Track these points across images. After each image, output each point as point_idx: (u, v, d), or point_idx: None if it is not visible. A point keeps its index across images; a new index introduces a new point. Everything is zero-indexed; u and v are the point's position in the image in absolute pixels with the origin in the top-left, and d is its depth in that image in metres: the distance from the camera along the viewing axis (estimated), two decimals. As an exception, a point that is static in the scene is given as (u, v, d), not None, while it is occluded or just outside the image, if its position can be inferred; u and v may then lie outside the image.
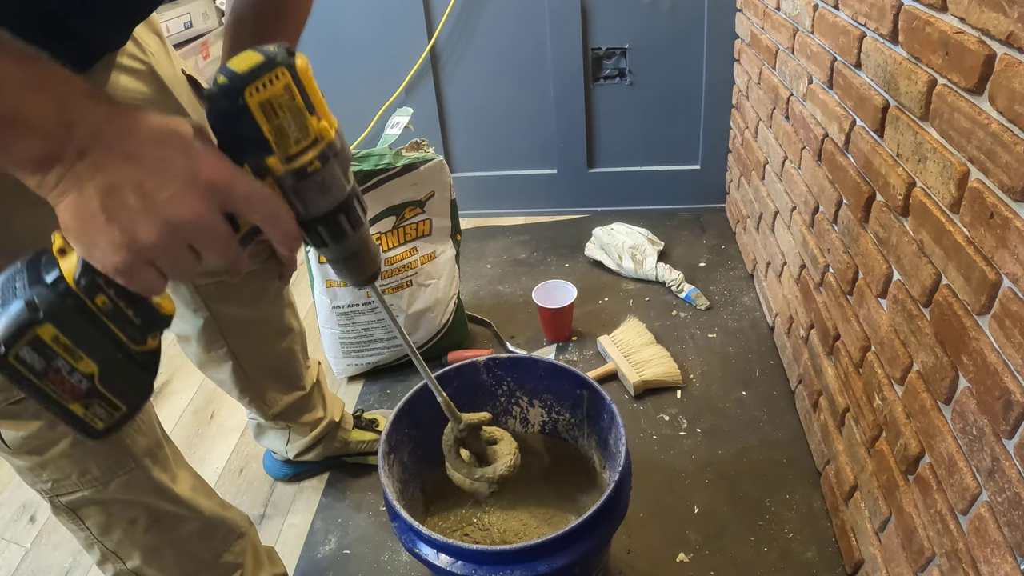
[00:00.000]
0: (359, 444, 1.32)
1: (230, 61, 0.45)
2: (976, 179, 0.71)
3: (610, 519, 0.89)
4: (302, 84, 0.46)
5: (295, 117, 0.46)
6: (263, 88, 0.44)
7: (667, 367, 1.49)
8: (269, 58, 0.44)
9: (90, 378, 0.44)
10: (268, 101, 0.44)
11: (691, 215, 2.14)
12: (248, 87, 0.44)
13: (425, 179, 1.41)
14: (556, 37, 1.94)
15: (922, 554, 0.83)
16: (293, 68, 0.45)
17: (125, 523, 0.81)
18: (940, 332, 0.79)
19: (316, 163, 0.47)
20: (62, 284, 0.42)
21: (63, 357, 0.43)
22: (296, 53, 0.46)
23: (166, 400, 1.61)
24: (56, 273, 0.43)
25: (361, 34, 2.00)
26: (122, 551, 0.83)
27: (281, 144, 0.46)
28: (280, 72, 0.44)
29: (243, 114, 0.44)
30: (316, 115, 0.47)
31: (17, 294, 0.42)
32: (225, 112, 0.44)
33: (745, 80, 1.80)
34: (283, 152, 0.46)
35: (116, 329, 0.45)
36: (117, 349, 0.45)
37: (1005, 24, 0.64)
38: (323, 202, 0.50)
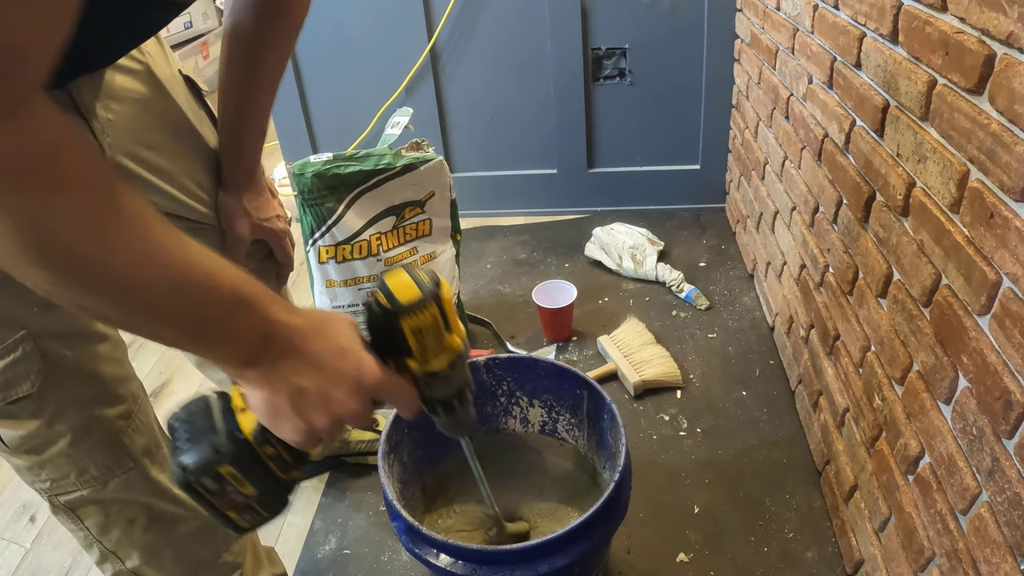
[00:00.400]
0: (359, 443, 1.32)
1: (390, 282, 0.57)
2: (976, 179, 0.71)
3: (610, 519, 0.89)
4: (444, 311, 0.58)
5: (436, 336, 0.59)
6: (416, 317, 0.57)
7: (667, 367, 1.49)
8: (425, 295, 0.57)
9: (249, 498, 0.57)
10: (419, 327, 0.57)
11: (691, 215, 2.14)
12: (405, 317, 0.57)
13: (425, 179, 1.41)
14: (556, 37, 1.94)
15: (922, 554, 0.83)
16: (440, 300, 0.58)
17: (124, 523, 0.81)
18: (940, 332, 0.79)
19: (446, 368, 0.61)
20: (241, 436, 0.55)
21: (233, 485, 0.56)
22: (442, 282, 0.58)
23: (166, 400, 1.61)
24: (235, 425, 0.56)
25: (361, 34, 2.00)
26: (121, 551, 0.83)
27: (421, 354, 0.59)
28: (431, 307, 0.57)
29: (398, 334, 0.57)
30: (451, 332, 0.60)
31: (203, 436, 0.55)
32: (382, 327, 0.58)
33: (745, 80, 1.80)
34: (422, 359, 0.59)
35: (275, 468, 0.58)
36: (272, 480, 0.58)
37: (1005, 24, 0.64)
38: (444, 391, 0.64)
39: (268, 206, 0.96)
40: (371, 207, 1.40)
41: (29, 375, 0.70)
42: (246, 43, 0.82)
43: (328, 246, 1.40)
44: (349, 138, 2.11)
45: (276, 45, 0.84)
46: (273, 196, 0.98)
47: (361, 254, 1.42)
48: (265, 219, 0.96)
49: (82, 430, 0.74)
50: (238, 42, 0.82)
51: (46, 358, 0.71)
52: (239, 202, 0.91)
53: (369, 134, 2.10)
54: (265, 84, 0.87)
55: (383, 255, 1.44)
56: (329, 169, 1.34)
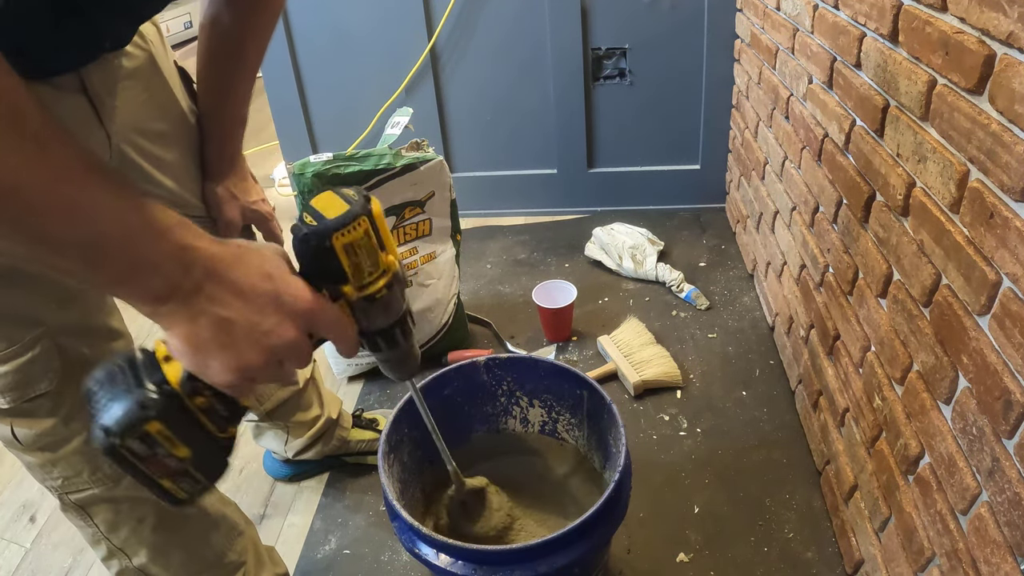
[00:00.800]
0: (359, 443, 1.32)
1: (315, 201, 0.53)
2: (976, 179, 0.71)
3: (610, 519, 0.89)
4: (377, 226, 0.54)
5: (370, 255, 0.54)
6: (347, 233, 0.52)
7: (667, 367, 1.49)
8: (354, 207, 0.52)
9: (183, 461, 0.52)
10: (350, 244, 0.52)
11: (691, 215, 2.14)
12: (335, 233, 0.52)
13: (425, 179, 1.41)
14: (556, 37, 1.94)
15: (922, 554, 0.83)
16: (371, 215, 0.53)
17: (133, 521, 0.82)
18: (940, 332, 0.79)
19: (384, 290, 0.56)
20: (168, 387, 0.50)
21: (163, 446, 0.50)
22: (371, 198, 0.54)
23: (166, 400, 1.61)
24: (161, 377, 0.50)
25: (361, 34, 2.00)
26: (128, 548, 0.84)
27: (356, 276, 0.54)
28: (362, 220, 0.52)
29: (328, 253, 0.52)
30: (386, 251, 0.56)
31: (125, 393, 0.49)
32: (313, 250, 0.53)
33: (745, 80, 1.80)
34: (357, 282, 0.55)
35: (209, 422, 0.53)
36: (207, 438, 0.53)
37: (1005, 24, 0.64)
38: (384, 320, 0.59)
39: (253, 190, 0.98)
40: (371, 207, 1.40)
41: (47, 373, 0.71)
42: (225, 34, 0.83)
43: (328, 246, 1.40)
44: (349, 138, 2.11)
45: (255, 36, 0.85)
46: (255, 181, 0.99)
47: (361, 254, 1.42)
48: (252, 202, 0.97)
49: None
50: (217, 33, 0.83)
51: (64, 355, 0.71)
52: (226, 188, 0.92)
53: (369, 134, 2.10)
54: (246, 74, 0.88)
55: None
56: (329, 169, 1.34)
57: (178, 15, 3.76)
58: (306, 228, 0.52)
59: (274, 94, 2.12)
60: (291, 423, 1.22)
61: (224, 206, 0.92)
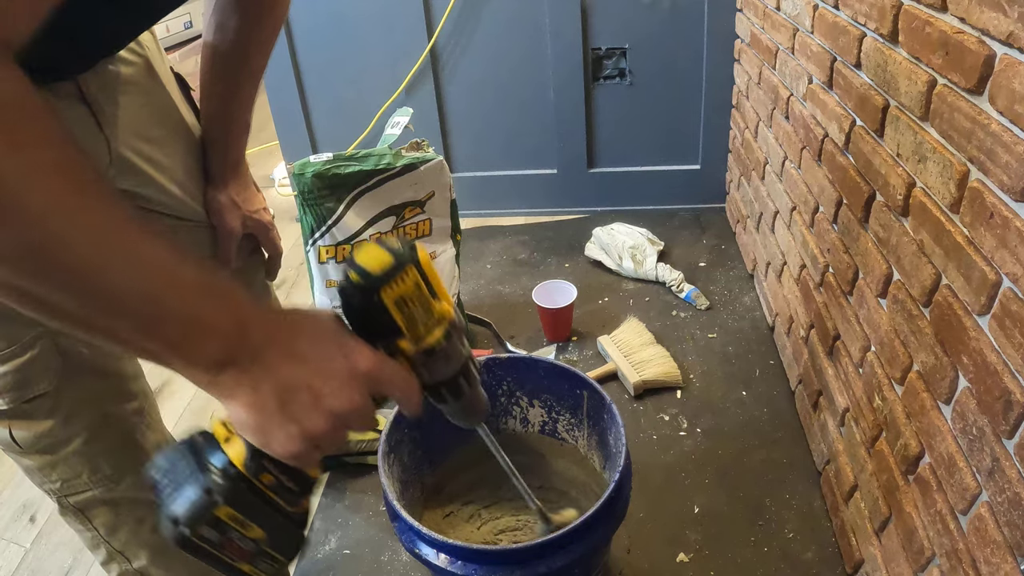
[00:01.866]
0: (358, 443, 1.32)
1: (359, 257, 0.51)
2: (976, 179, 0.71)
3: (610, 519, 0.89)
4: (426, 275, 0.52)
5: (422, 305, 0.52)
6: (396, 286, 0.50)
7: (667, 367, 1.49)
8: (399, 260, 0.50)
9: (257, 542, 0.51)
10: (400, 297, 0.50)
11: (691, 215, 2.14)
12: (383, 287, 0.49)
13: (425, 179, 1.41)
14: (556, 37, 1.94)
15: (922, 554, 0.83)
16: (418, 264, 0.51)
17: (133, 522, 0.81)
18: (940, 332, 0.79)
19: (442, 341, 0.54)
20: (233, 469, 0.48)
21: (236, 530, 0.49)
22: (417, 246, 0.52)
23: (166, 400, 1.61)
24: (224, 459, 0.49)
25: (362, 34, 2.00)
26: (129, 551, 0.83)
27: (411, 329, 0.52)
28: (410, 270, 0.50)
29: (378, 309, 0.50)
30: (438, 298, 0.53)
31: (190, 480, 0.48)
32: (360, 307, 0.51)
33: (745, 80, 1.80)
34: (413, 335, 0.52)
35: (279, 499, 0.51)
36: (279, 515, 0.52)
37: (1005, 24, 0.64)
38: (446, 370, 0.57)
39: (255, 199, 0.97)
40: (371, 207, 1.40)
41: (47, 372, 0.70)
42: (230, 41, 0.83)
43: (328, 246, 1.40)
44: (349, 138, 2.11)
45: (259, 43, 0.85)
46: (257, 190, 0.99)
47: (361, 254, 1.42)
48: (254, 211, 0.95)
49: (97, 428, 0.74)
50: (222, 40, 0.83)
51: (64, 355, 0.71)
52: (228, 196, 0.91)
53: (369, 134, 2.10)
54: (250, 80, 0.88)
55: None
56: (329, 169, 1.34)
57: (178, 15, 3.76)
58: (352, 287, 0.50)
59: (274, 94, 2.12)
60: None
61: (226, 214, 0.91)
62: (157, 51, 0.84)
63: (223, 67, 0.85)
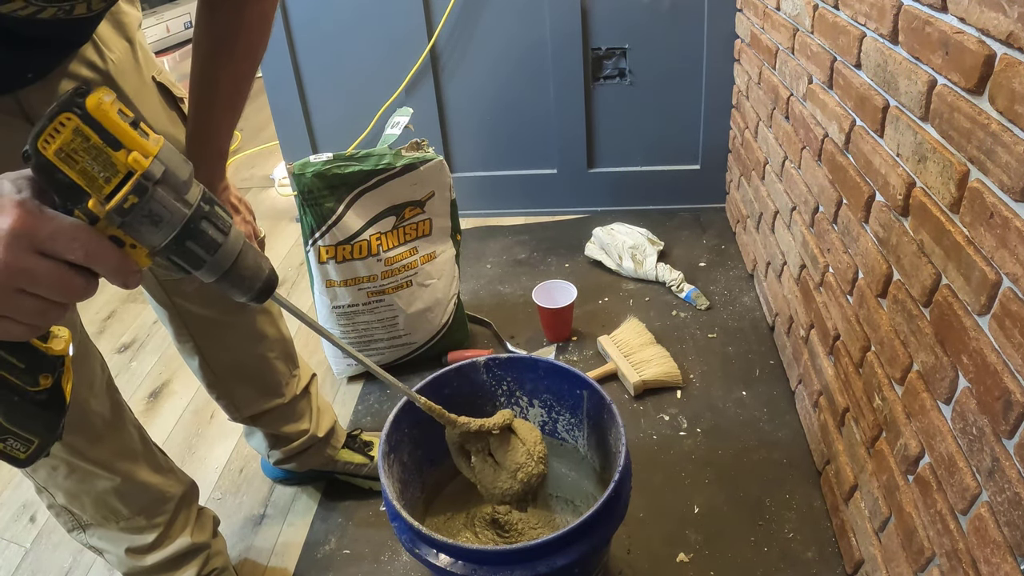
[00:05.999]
0: (346, 464, 1.30)
1: None
2: (976, 179, 0.71)
3: (610, 519, 0.89)
4: (98, 122, 0.46)
5: (96, 157, 0.46)
6: (53, 138, 0.45)
7: (667, 367, 1.49)
8: (52, 108, 0.45)
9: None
10: (62, 149, 0.45)
11: (691, 215, 2.14)
12: (39, 141, 0.44)
13: (425, 179, 1.41)
14: (556, 37, 1.94)
15: (922, 554, 0.83)
16: (83, 109, 0.45)
17: (47, 468, 0.89)
18: (940, 332, 0.79)
19: (132, 198, 0.47)
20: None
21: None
22: (90, 91, 0.46)
23: (166, 400, 1.61)
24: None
25: (361, 34, 2.00)
26: (49, 488, 0.92)
27: (93, 186, 0.46)
28: (65, 118, 0.45)
29: (48, 167, 0.45)
30: (124, 149, 0.47)
31: None
32: (36, 167, 0.46)
33: (745, 80, 1.80)
34: (98, 193, 0.47)
35: (6, 375, 0.50)
36: (12, 392, 0.50)
37: (1005, 24, 0.64)
38: (160, 233, 0.49)
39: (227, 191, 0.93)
40: (371, 207, 1.40)
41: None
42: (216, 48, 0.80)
43: (328, 246, 1.41)
44: (349, 138, 2.11)
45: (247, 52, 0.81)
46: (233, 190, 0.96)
47: (361, 254, 1.42)
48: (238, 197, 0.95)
49: None
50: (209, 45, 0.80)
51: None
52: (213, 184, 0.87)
53: (369, 134, 2.10)
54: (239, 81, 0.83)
55: (383, 255, 1.44)
56: (329, 169, 1.34)
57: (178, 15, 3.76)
58: (27, 145, 0.45)
59: (274, 94, 2.12)
60: (279, 433, 1.21)
61: None
62: (131, 62, 0.82)
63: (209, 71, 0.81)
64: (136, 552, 1.00)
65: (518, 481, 0.92)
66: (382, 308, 1.50)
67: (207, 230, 0.51)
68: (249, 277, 0.55)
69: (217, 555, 1.09)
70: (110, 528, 0.97)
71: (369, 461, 1.29)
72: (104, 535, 0.98)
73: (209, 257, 0.52)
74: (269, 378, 1.15)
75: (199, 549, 1.06)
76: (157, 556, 1.01)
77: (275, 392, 1.17)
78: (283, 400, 1.18)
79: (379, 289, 1.47)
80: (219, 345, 1.09)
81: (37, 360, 0.52)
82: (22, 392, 0.51)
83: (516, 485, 0.92)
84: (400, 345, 1.55)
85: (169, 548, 1.02)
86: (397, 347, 1.55)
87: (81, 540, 0.99)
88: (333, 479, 1.33)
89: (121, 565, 1.02)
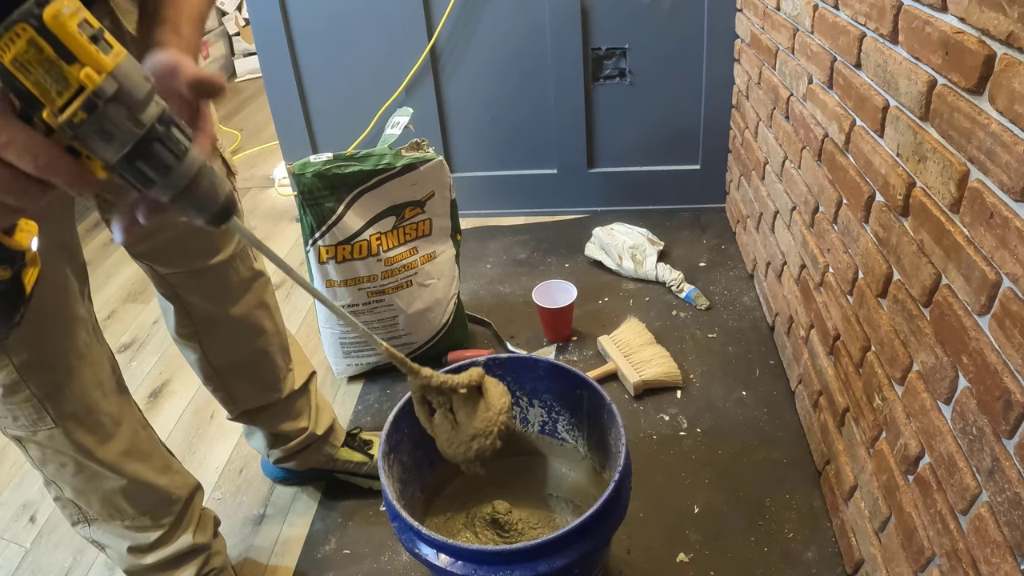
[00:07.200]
0: (346, 463, 1.29)
1: None
2: (976, 179, 0.71)
3: (610, 519, 0.89)
4: (53, 35, 0.46)
5: (49, 70, 0.46)
6: (8, 47, 0.45)
7: (667, 367, 1.49)
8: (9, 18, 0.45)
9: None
10: (16, 59, 0.45)
11: (691, 215, 2.14)
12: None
13: (425, 179, 1.41)
14: (556, 37, 1.94)
15: (922, 554, 0.83)
16: (39, 20, 0.45)
17: (56, 464, 0.90)
18: (940, 332, 0.79)
19: (81, 114, 0.47)
20: None
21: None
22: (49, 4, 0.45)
23: (166, 400, 1.61)
24: None
25: (361, 34, 2.00)
26: (58, 482, 0.93)
27: (47, 98, 0.47)
28: (20, 28, 0.45)
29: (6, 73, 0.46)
30: (78, 64, 0.47)
31: None
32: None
33: (745, 80, 1.80)
34: (51, 106, 0.47)
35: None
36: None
37: (1005, 24, 0.64)
38: (111, 149, 0.50)
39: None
40: (371, 207, 1.40)
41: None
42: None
43: (328, 246, 1.41)
44: (349, 138, 2.11)
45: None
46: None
47: (361, 254, 1.42)
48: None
49: (10, 389, 0.82)
50: None
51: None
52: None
53: (369, 134, 2.10)
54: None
55: (383, 255, 1.44)
56: (329, 169, 1.34)
57: None
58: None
59: (274, 94, 2.12)
60: (278, 431, 1.21)
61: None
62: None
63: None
64: (138, 550, 1.01)
65: (472, 450, 0.89)
66: (382, 308, 1.50)
67: (159, 152, 0.51)
68: (204, 200, 0.55)
69: (216, 555, 1.09)
70: (114, 525, 0.98)
71: (369, 460, 1.29)
72: (108, 531, 0.99)
73: (159, 179, 0.52)
74: (267, 371, 1.16)
75: (200, 550, 1.06)
76: (158, 555, 1.02)
77: (272, 387, 1.17)
78: (280, 395, 1.18)
79: (379, 289, 1.47)
80: (219, 339, 1.09)
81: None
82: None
83: (469, 454, 0.89)
84: (400, 345, 1.55)
85: (170, 548, 1.03)
86: (397, 347, 1.55)
87: (84, 534, 1.00)
88: (333, 479, 1.33)
89: (122, 561, 1.03)
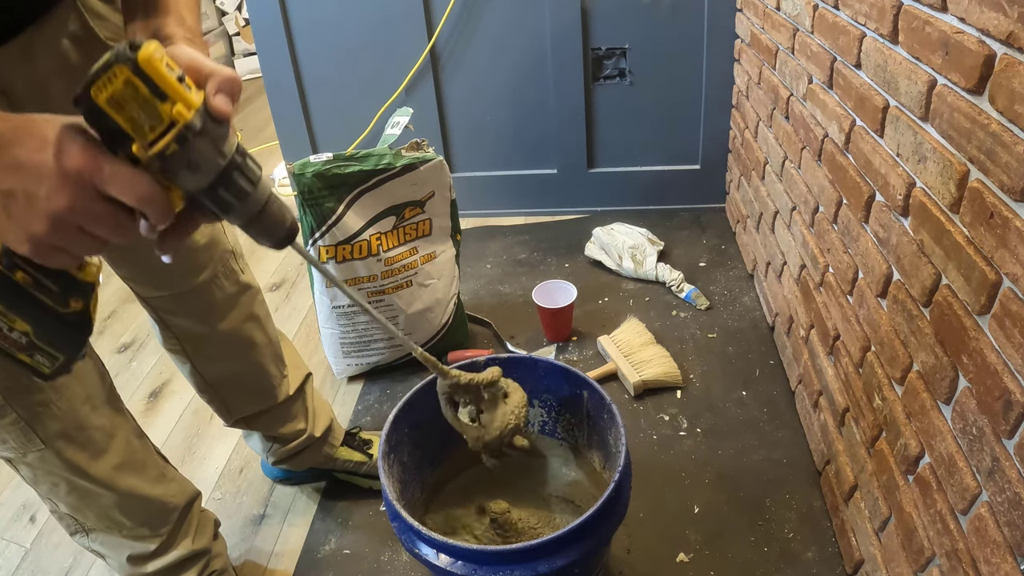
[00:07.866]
0: (345, 463, 1.29)
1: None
2: (976, 179, 0.71)
3: (610, 519, 0.89)
4: (146, 75, 0.49)
5: (144, 107, 0.50)
6: (105, 86, 0.48)
7: (667, 367, 1.49)
8: (107, 59, 0.49)
9: (26, 335, 0.56)
10: (113, 97, 0.49)
11: (691, 215, 2.14)
12: (92, 87, 0.48)
13: (425, 179, 1.41)
14: (556, 37, 1.94)
15: (922, 554, 0.83)
16: (134, 62, 0.48)
17: (49, 484, 0.89)
18: (940, 332, 0.79)
19: (173, 146, 0.51)
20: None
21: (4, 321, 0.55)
22: (141, 46, 0.49)
23: (166, 400, 1.61)
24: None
25: (361, 34, 2.00)
26: (53, 499, 0.92)
27: (139, 132, 0.50)
28: (118, 70, 0.48)
29: (98, 112, 0.49)
30: (169, 101, 0.50)
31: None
32: (87, 112, 0.50)
33: (745, 80, 1.80)
34: (142, 139, 0.50)
35: (42, 296, 0.56)
36: (44, 312, 0.56)
37: (1005, 24, 0.64)
38: (196, 179, 0.54)
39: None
40: (371, 207, 1.40)
41: None
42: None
43: (328, 246, 1.41)
44: (349, 138, 2.11)
45: None
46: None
47: (361, 254, 1.42)
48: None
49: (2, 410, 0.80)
50: None
51: None
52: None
53: (369, 134, 2.10)
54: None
55: (383, 255, 1.44)
56: (329, 169, 1.34)
57: None
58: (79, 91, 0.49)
59: (274, 94, 2.12)
60: (276, 434, 1.20)
61: None
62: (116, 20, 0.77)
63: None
64: (137, 559, 1.00)
65: (507, 430, 0.96)
66: (382, 308, 1.50)
67: (238, 180, 0.56)
68: (273, 225, 0.59)
69: (217, 557, 1.09)
70: (113, 535, 0.97)
71: (368, 459, 1.29)
72: (106, 541, 0.98)
73: (238, 204, 0.56)
74: (262, 382, 1.15)
75: (200, 555, 1.05)
76: (158, 563, 1.01)
77: (268, 396, 1.16)
78: (275, 402, 1.17)
79: (379, 289, 1.47)
80: (209, 354, 1.08)
81: (70, 286, 0.57)
82: (53, 312, 0.56)
83: (505, 435, 0.97)
84: (400, 345, 1.55)
85: (170, 555, 1.02)
86: (397, 347, 1.55)
87: (83, 543, 0.99)
88: (333, 479, 1.33)
89: (122, 570, 1.02)
